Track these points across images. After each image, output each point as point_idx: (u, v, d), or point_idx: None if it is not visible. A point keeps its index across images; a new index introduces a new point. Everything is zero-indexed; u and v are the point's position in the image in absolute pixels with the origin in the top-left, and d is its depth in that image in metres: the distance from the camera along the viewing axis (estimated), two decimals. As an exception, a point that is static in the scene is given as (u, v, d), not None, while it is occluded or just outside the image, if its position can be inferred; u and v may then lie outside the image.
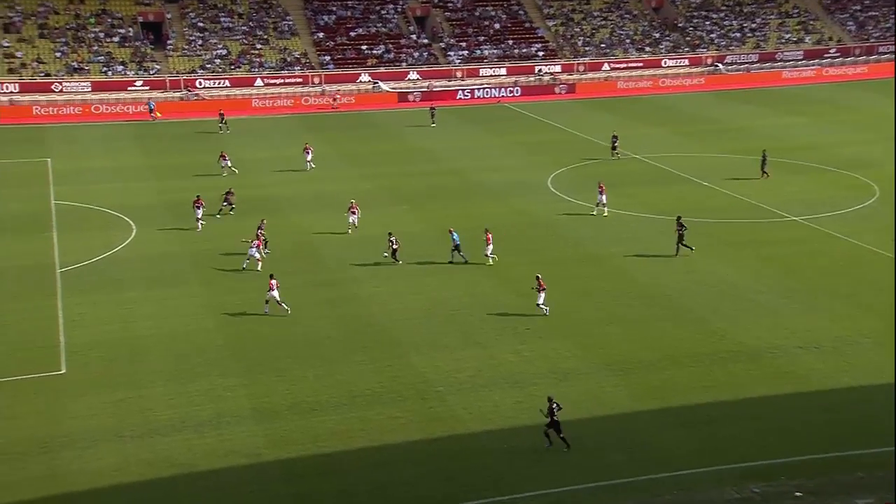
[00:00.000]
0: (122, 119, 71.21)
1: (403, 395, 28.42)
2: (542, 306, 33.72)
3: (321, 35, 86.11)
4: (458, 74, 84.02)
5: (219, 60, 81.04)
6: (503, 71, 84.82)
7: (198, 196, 44.27)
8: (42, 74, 75.83)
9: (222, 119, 65.71)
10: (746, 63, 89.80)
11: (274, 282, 34.22)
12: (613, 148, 57.26)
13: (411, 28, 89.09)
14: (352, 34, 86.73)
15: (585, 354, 31.05)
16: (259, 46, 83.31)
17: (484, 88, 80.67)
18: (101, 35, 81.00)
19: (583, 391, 28.57)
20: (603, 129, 62.43)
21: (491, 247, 39.04)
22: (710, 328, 32.90)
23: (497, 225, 44.57)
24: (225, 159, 53.43)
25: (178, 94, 76.66)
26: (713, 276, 37.85)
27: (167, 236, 43.13)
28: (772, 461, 24.70)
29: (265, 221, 41.15)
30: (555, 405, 25.34)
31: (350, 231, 40.96)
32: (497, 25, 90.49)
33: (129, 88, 76.04)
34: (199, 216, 43.33)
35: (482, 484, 24.13)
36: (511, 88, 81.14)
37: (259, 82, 79.00)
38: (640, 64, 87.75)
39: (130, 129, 67.85)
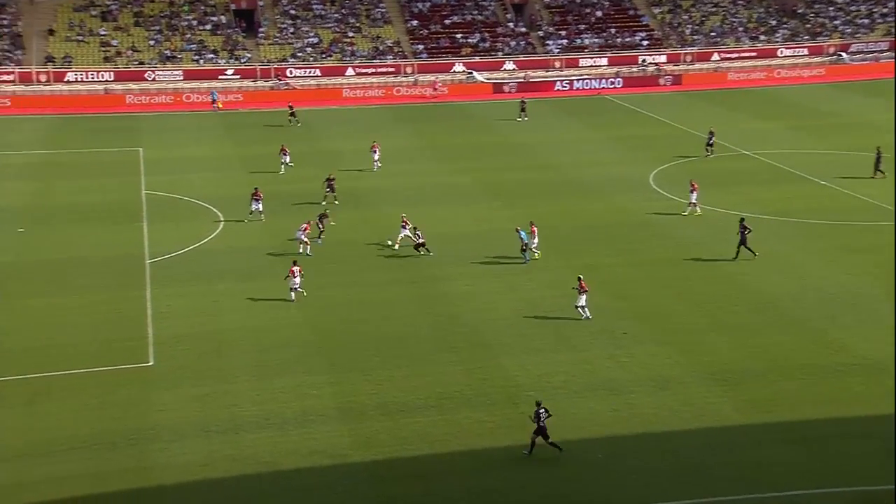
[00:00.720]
0: (212, 109, 73.12)
1: (493, 399, 28.39)
2: (582, 309, 33.19)
3: (415, 23, 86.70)
4: (557, 64, 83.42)
5: (310, 49, 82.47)
6: (604, 61, 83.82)
7: (256, 188, 45.22)
8: (136, 63, 78.59)
9: (291, 112, 65.78)
10: (875, 52, 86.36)
11: (296, 268, 35.21)
12: (709, 144, 55.90)
13: (508, 16, 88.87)
14: (446, 22, 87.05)
15: (687, 362, 30.44)
16: (351, 35, 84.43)
17: (583, 79, 79.90)
18: (194, 23, 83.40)
19: (684, 401, 28.01)
20: (710, 123, 61.03)
21: (536, 240, 38.79)
22: (825, 339, 31.84)
23: (594, 223, 44.09)
24: (285, 154, 52.85)
25: (268, 84, 78.36)
26: (829, 282, 36.61)
27: (255, 228, 44.15)
28: (890, 487, 23.71)
29: (327, 215, 41.69)
30: (542, 410, 25.00)
31: (396, 246, 40.42)
32: (599, 13, 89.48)
33: (220, 77, 78.02)
34: (257, 209, 44.21)
35: (574, 495, 23.92)
36: (612, 79, 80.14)
37: (350, 72, 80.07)
38: (754, 53, 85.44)
39: (221, 119, 69.66)
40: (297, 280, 35.18)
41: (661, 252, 40.34)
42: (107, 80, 76.00)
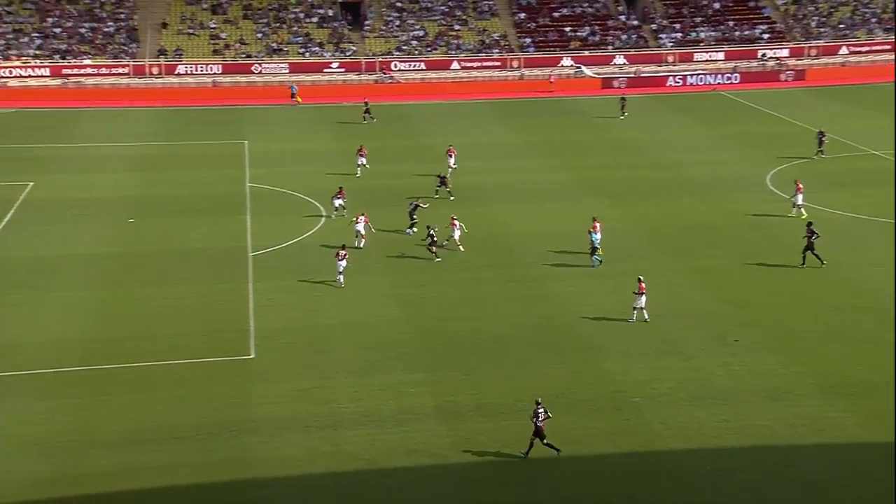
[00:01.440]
0: (317, 102, 74.52)
1: (596, 404, 28.16)
2: (639, 311, 32.92)
3: (522, 16, 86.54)
4: (670, 59, 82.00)
5: (415, 42, 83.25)
6: (720, 55, 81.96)
7: (340, 188, 46.00)
8: (243, 56, 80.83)
9: (366, 109, 65.45)
10: None
11: (343, 251, 36.55)
12: (820, 145, 53.92)
13: (620, 8, 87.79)
14: (555, 15, 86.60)
15: (804, 373, 29.55)
16: (457, 28, 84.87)
17: (698, 74, 78.29)
18: (301, 15, 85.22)
19: (800, 414, 27.20)
20: (835, 121, 59.10)
21: (598, 236, 38.58)
22: (955, 353, 30.40)
23: (706, 224, 43.24)
24: (362, 155, 51.87)
25: (372, 77, 79.44)
26: (962, 293, 34.93)
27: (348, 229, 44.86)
28: None
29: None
30: (541, 410, 25.01)
31: (461, 248, 40.39)
32: (717, 5, 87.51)
33: (325, 70, 79.60)
34: (340, 205, 44.85)
35: (679, 508, 23.52)
36: (729, 75, 78.27)
37: (455, 65, 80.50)
38: (888, 47, 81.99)
39: (323, 113, 70.96)
40: (343, 263, 36.56)
41: (775, 256, 39.27)
42: (215, 73, 78.39)
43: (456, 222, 40.68)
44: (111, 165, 55.35)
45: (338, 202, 45.31)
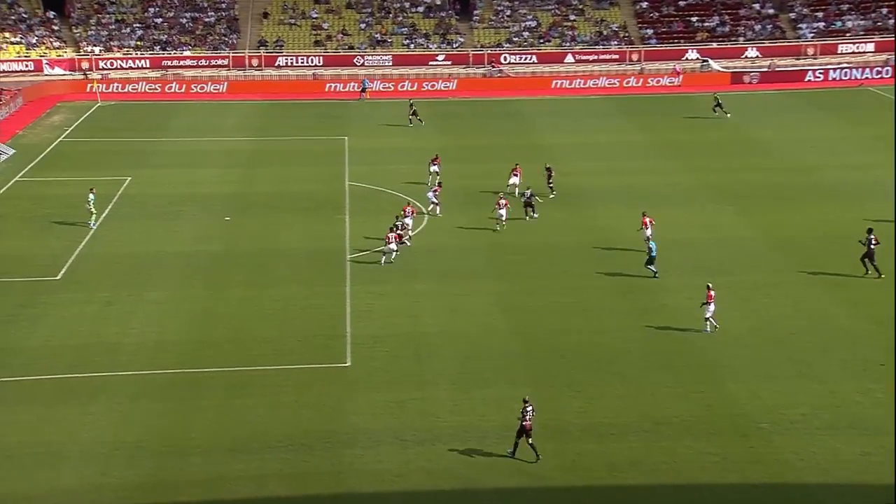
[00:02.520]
0: (422, 96, 75.12)
1: (718, 429, 27.52)
2: (709, 321, 32.73)
3: (644, 5, 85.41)
4: (810, 51, 79.67)
5: (527, 33, 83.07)
6: (870, 47, 79.10)
7: (439, 182, 46.71)
8: (345, 47, 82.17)
9: (413, 111, 64.86)
10: None
11: (392, 234, 38.76)
12: None
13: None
14: (680, 3, 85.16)
15: (958, 404, 28.16)
16: (572, 18, 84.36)
17: (842, 68, 75.80)
18: (407, 5, 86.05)
19: (952, 451, 25.93)
20: None
21: (649, 230, 39.16)
22: None
23: (844, 234, 41.71)
24: (435, 164, 50.62)
25: (480, 71, 79.68)
26: None
27: (461, 225, 45.02)
28: None
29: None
30: (529, 407, 25.76)
31: (499, 228, 42.92)
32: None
33: (431, 63, 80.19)
34: (434, 205, 45.96)
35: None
36: (879, 69, 75.41)
37: (569, 58, 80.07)
38: None
39: (428, 108, 71.50)
40: (393, 246, 38.85)
41: (927, 272, 37.64)
42: (315, 66, 79.91)
43: (502, 200, 42.58)
44: (209, 161, 57.02)
45: (431, 196, 46.19)
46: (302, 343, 33.43)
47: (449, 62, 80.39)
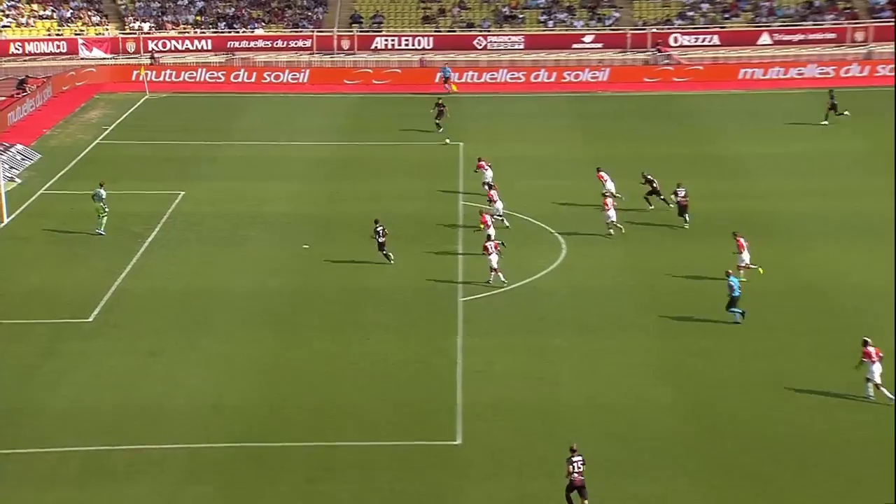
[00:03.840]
0: (562, 90, 75.32)
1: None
2: (873, 385, 33.00)
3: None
4: None
5: (706, 5, 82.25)
6: None
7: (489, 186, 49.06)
8: (463, 25, 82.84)
9: (440, 110, 64.88)
10: None
11: (491, 244, 41.24)
12: None
13: None
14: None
15: None
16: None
17: None
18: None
19: None
20: None
21: (746, 255, 40.82)
22: None
23: None
24: (484, 168, 52.71)
25: (641, 56, 79.38)
26: None
27: (609, 261, 44.74)
28: None
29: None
30: (577, 459, 28.20)
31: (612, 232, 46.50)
32: None
33: (575, 46, 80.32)
34: (612, 218, 47.06)
35: None
36: None
37: (764, 38, 78.96)
38: None
39: (571, 105, 71.55)
40: (494, 259, 41.71)
41: None
42: (423, 49, 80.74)
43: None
44: (283, 171, 58.21)
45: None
46: (399, 412, 33.59)
47: (599, 45, 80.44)
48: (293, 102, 73.28)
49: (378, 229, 44.65)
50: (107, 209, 48.16)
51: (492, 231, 44.65)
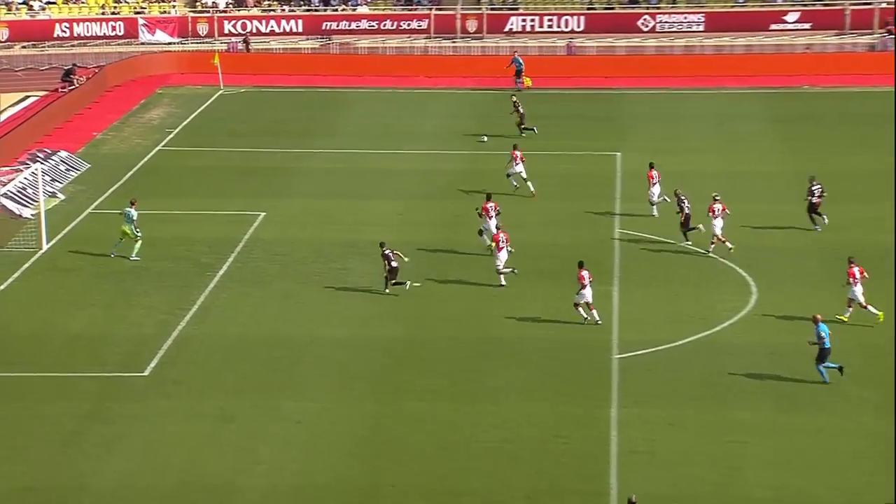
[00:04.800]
0: (755, 84, 74.62)
1: None
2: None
3: None
4: None
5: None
6: None
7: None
8: (625, 1, 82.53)
9: (516, 108, 65.87)
10: None
11: (585, 272, 42.43)
12: None
13: None
14: None
15: None
16: None
17: None
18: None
19: None
20: None
21: (859, 288, 41.07)
22: None
23: None
24: (516, 161, 55.82)
25: (864, 40, 78.36)
26: None
27: (815, 309, 43.88)
28: None
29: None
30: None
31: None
32: None
33: (773, 27, 79.97)
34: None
35: None
36: None
37: None
38: None
39: (767, 104, 70.86)
40: (587, 293, 42.73)
41: None
42: (570, 31, 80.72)
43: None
44: (389, 187, 58.79)
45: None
46: (541, 496, 33.45)
47: (806, 24, 79.46)
48: (403, 100, 73.87)
49: (386, 253, 45.75)
50: (139, 233, 48.92)
51: (493, 222, 48.36)
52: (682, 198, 50.24)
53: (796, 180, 53.89)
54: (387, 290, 46.09)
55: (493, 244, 47.23)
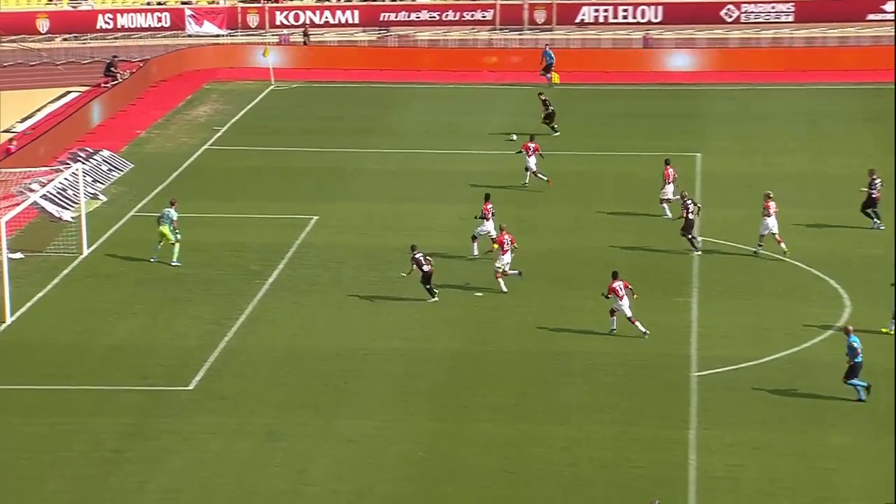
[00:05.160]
0: (849, 80, 74.19)
1: None
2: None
3: None
4: None
5: None
6: None
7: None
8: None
9: (547, 109, 65.84)
10: None
11: (618, 283, 42.65)
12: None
13: None
14: None
15: None
16: None
17: None
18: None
19: None
20: None
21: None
22: None
23: None
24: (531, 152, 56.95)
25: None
26: None
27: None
28: None
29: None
30: None
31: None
32: None
33: (870, 17, 79.32)
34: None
35: None
36: None
37: None
38: None
39: (862, 100, 70.56)
40: (625, 305, 43.02)
41: None
42: (648, 23, 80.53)
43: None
44: (451, 189, 59.04)
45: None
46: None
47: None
48: (466, 96, 73.94)
49: (417, 256, 46.15)
50: (179, 234, 49.20)
51: (490, 224, 49.76)
52: (688, 201, 50.16)
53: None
54: (434, 298, 46.47)
55: (497, 246, 47.42)
